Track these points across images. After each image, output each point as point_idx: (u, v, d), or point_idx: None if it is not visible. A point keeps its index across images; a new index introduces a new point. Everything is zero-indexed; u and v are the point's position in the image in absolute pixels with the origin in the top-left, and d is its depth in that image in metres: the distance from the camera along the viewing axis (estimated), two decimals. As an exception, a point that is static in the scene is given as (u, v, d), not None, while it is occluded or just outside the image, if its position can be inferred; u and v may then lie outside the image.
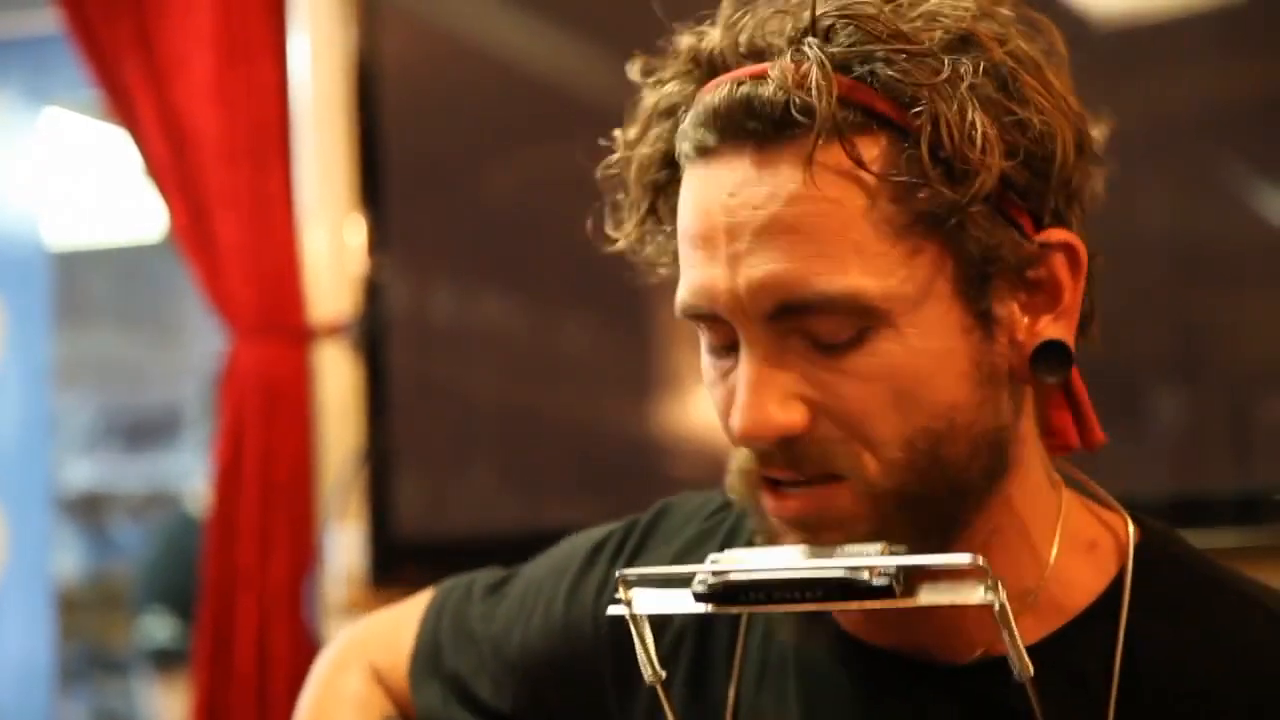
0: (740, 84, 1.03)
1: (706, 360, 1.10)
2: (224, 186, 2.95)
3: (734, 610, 1.04)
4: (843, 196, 1.01)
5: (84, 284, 5.17)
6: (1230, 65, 2.35)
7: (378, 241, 2.88)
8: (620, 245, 1.19)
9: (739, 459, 1.07)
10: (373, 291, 2.88)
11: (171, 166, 2.97)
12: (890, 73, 1.01)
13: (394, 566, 2.84)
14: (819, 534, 1.04)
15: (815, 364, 1.03)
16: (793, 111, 1.01)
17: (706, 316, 1.06)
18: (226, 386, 2.99)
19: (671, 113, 1.12)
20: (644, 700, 1.23)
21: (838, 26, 1.03)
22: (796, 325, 1.02)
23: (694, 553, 1.25)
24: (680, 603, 1.06)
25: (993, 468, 1.06)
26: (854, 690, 1.13)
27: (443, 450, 2.91)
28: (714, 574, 1.03)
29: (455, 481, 2.92)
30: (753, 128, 1.03)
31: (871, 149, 1.01)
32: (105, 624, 5.07)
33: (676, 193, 1.10)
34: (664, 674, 1.10)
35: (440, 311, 2.98)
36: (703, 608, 1.04)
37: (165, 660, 3.95)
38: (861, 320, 1.01)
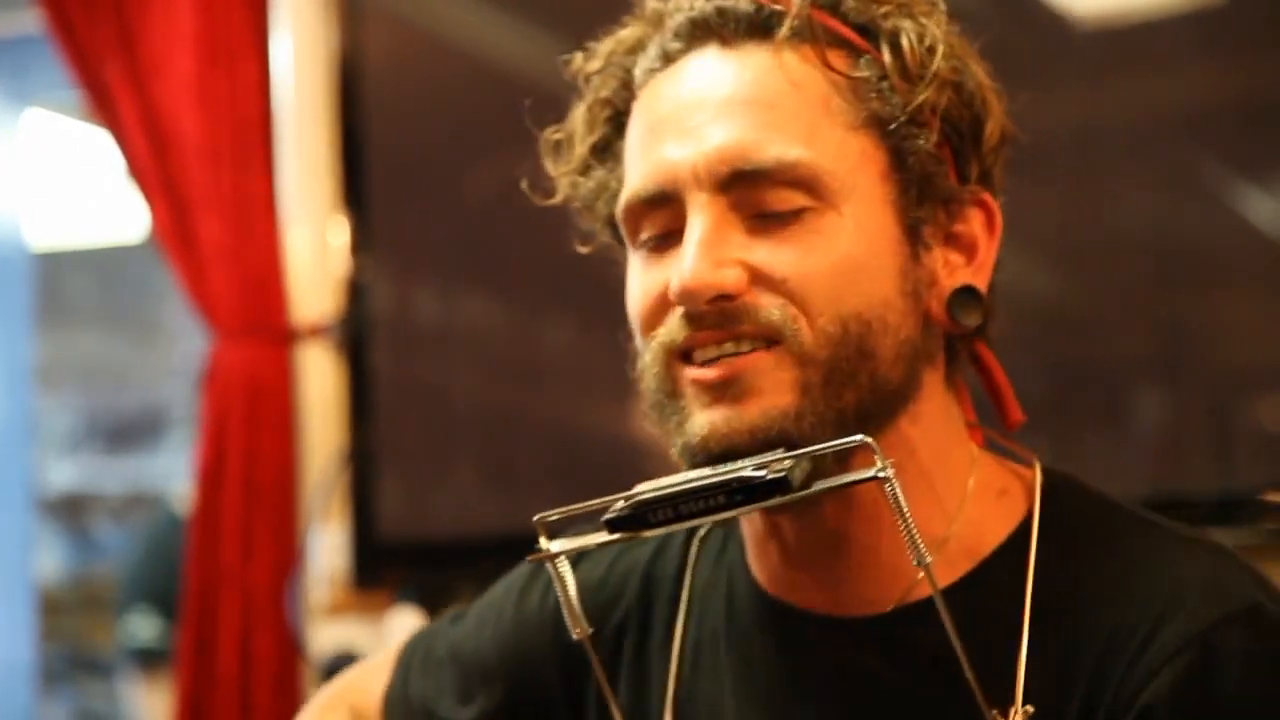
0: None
1: (635, 261, 1.14)
2: (206, 187, 2.94)
3: (645, 534, 1.06)
4: (805, 82, 1.09)
5: (66, 285, 5.16)
6: (1212, 67, 2.36)
7: (360, 242, 2.88)
8: (561, 186, 1.24)
9: (659, 335, 1.11)
10: (355, 292, 2.88)
11: (153, 167, 2.97)
12: (856, 2, 1.12)
13: (377, 567, 2.84)
14: (740, 402, 1.07)
15: (760, 235, 1.08)
16: (763, 15, 1.10)
17: (654, 199, 1.11)
18: (209, 387, 2.98)
19: (634, 50, 1.17)
20: (591, 700, 1.25)
21: None
22: (746, 197, 1.08)
23: (630, 552, 1.28)
24: (594, 537, 1.07)
25: (907, 385, 1.11)
26: (781, 652, 1.16)
27: (426, 451, 2.91)
28: (624, 499, 1.05)
29: (438, 483, 2.92)
30: (721, 29, 1.11)
31: (835, 55, 1.10)
32: (87, 625, 5.07)
33: (621, 136, 1.16)
34: (590, 629, 1.11)
35: (423, 313, 2.97)
36: (616, 536, 1.05)
37: (148, 660, 3.94)
38: (808, 195, 1.08)
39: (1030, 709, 1.05)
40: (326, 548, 2.88)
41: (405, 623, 2.71)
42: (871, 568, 1.12)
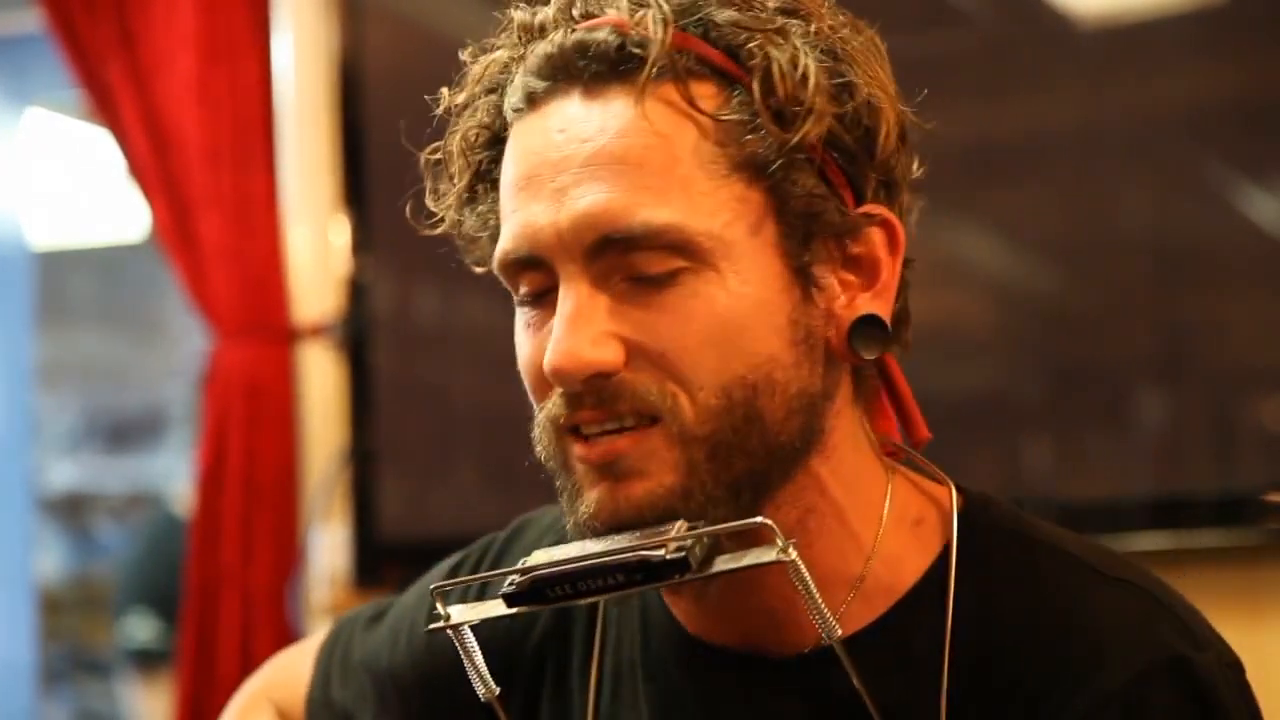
0: (572, 31, 1.05)
1: (519, 317, 1.10)
2: (207, 186, 2.94)
3: (543, 608, 1.04)
4: (672, 133, 1.02)
5: (66, 284, 5.15)
6: (1213, 67, 2.35)
7: (361, 242, 2.87)
8: (442, 222, 1.19)
9: (547, 408, 1.07)
10: (356, 292, 2.88)
11: (154, 166, 2.97)
12: (724, 23, 1.03)
13: (377, 567, 2.84)
14: (624, 481, 1.03)
15: (634, 304, 1.03)
16: (627, 49, 1.03)
17: (524, 262, 1.06)
18: (209, 387, 2.98)
19: (499, 81, 1.11)
20: (520, 701, 1.23)
21: None
22: (617, 262, 1.02)
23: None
24: (493, 608, 1.05)
25: (806, 436, 1.06)
26: (696, 690, 1.13)
27: (426, 451, 2.91)
28: (521, 574, 1.03)
29: (439, 482, 2.92)
30: (584, 68, 1.04)
31: (703, 92, 1.03)
32: (88, 625, 5.06)
33: (499, 164, 1.10)
34: (497, 690, 1.08)
35: (424, 312, 2.97)
36: (514, 610, 1.03)
37: (148, 661, 3.94)
38: (682, 257, 1.01)
39: None
40: (327, 547, 2.88)
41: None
42: (789, 607, 1.07)
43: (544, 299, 1.07)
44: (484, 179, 1.14)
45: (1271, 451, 2.31)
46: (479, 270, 1.20)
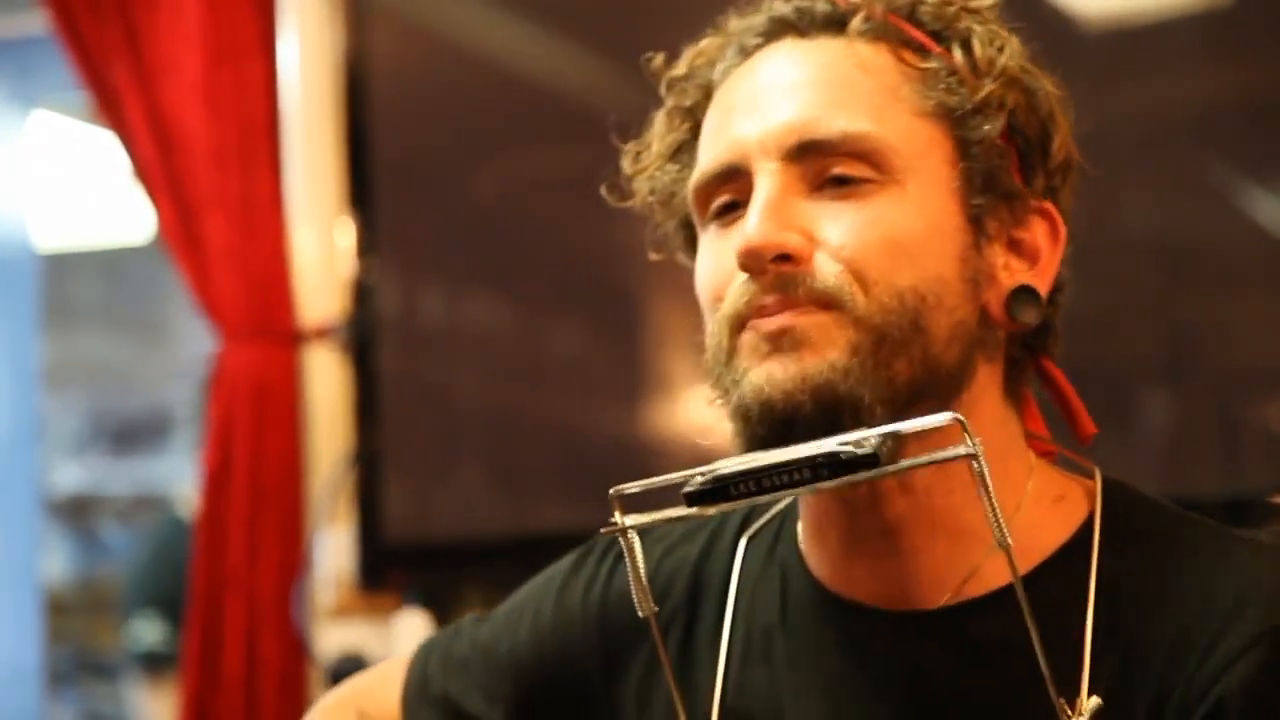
0: (789, 1, 1.17)
1: (706, 236, 1.17)
2: (212, 188, 2.94)
3: (725, 507, 1.05)
4: (874, 68, 1.13)
5: (72, 286, 5.16)
6: (1218, 68, 2.35)
7: (367, 243, 2.87)
8: (638, 186, 1.24)
9: (723, 309, 1.12)
10: (362, 294, 2.88)
11: (160, 168, 2.97)
12: (930, 7, 1.15)
13: (383, 569, 2.84)
14: (792, 353, 1.08)
15: (823, 206, 1.11)
16: (840, 12, 1.15)
17: (723, 174, 1.14)
18: (215, 389, 2.98)
19: (714, 61, 1.21)
20: (634, 685, 1.25)
21: None
22: (813, 166, 1.11)
23: (679, 549, 1.29)
24: (669, 511, 1.07)
25: (958, 371, 1.12)
26: (840, 645, 1.17)
27: (432, 453, 2.91)
28: (703, 474, 1.04)
29: (444, 484, 2.92)
30: (797, 23, 1.16)
31: (908, 54, 1.14)
32: (94, 627, 5.07)
33: (698, 136, 1.19)
34: (655, 608, 1.11)
35: (430, 314, 2.97)
36: (694, 510, 1.04)
37: (154, 664, 3.94)
38: (873, 168, 1.10)
39: (1098, 700, 1.05)
40: (333, 549, 2.88)
41: (412, 625, 2.71)
42: (929, 559, 1.13)
43: (735, 209, 1.14)
44: (680, 151, 1.22)
45: (1277, 453, 2.31)
46: (655, 256, 1.28)
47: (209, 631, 2.94)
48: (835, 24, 1.15)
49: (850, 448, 1.00)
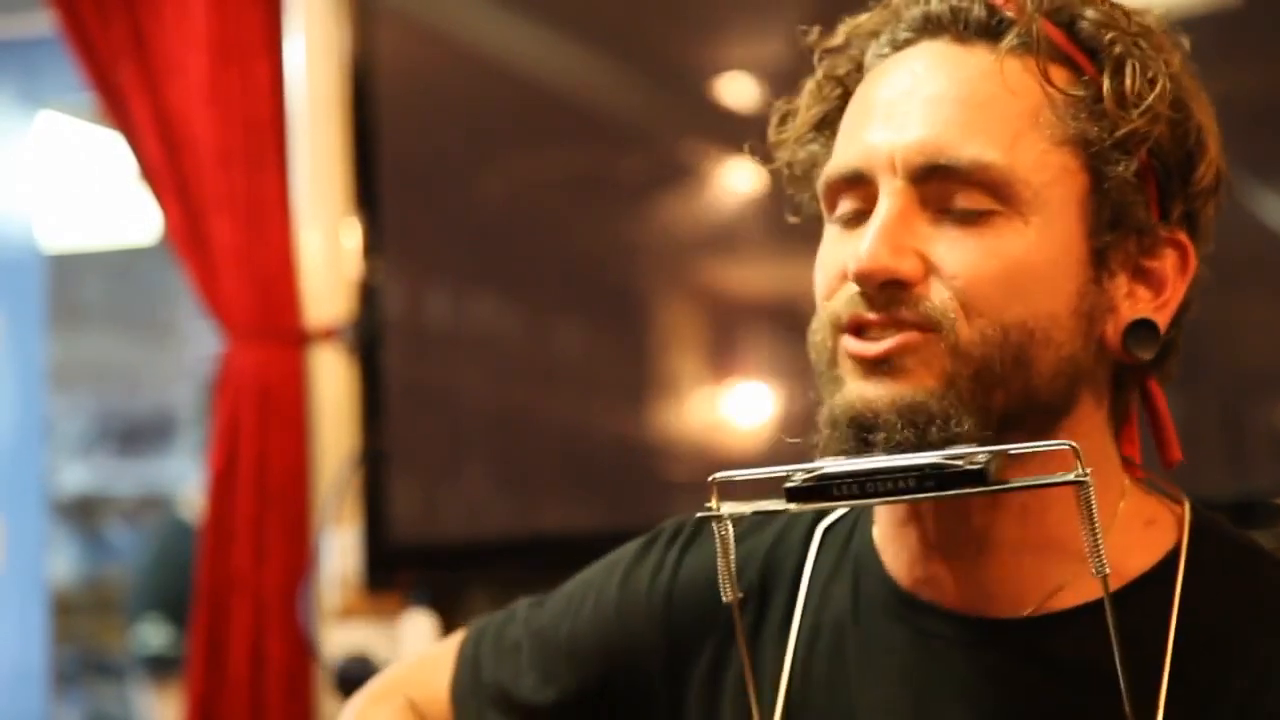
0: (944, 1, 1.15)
1: (829, 232, 1.16)
2: (219, 189, 2.94)
3: (826, 505, 1.07)
4: (1020, 91, 1.11)
5: (79, 287, 5.16)
6: (1225, 68, 2.35)
7: (373, 244, 2.87)
8: (780, 153, 1.24)
9: (830, 306, 1.12)
10: (368, 295, 2.88)
11: (166, 169, 2.97)
12: (1089, 22, 1.13)
13: (389, 570, 2.84)
14: (888, 377, 1.08)
15: (942, 232, 1.09)
16: (996, 17, 1.12)
17: (851, 177, 1.13)
18: (221, 390, 2.98)
19: (870, 36, 1.19)
20: (698, 679, 1.25)
21: None
22: (938, 191, 1.10)
23: (748, 539, 1.28)
24: (771, 503, 1.07)
25: (1064, 404, 1.12)
26: (910, 644, 1.17)
27: (438, 454, 2.91)
28: (807, 470, 1.04)
29: (451, 485, 2.92)
30: (953, 24, 1.13)
31: (1056, 72, 1.11)
32: (100, 627, 5.07)
33: (844, 111, 1.18)
34: (741, 594, 1.12)
35: (436, 315, 2.97)
36: (793, 506, 1.05)
37: (160, 666, 3.94)
38: (998, 200, 1.09)
39: None
40: (339, 550, 2.88)
41: (418, 625, 2.71)
42: (1013, 569, 1.12)
43: (858, 219, 1.13)
44: (825, 124, 1.21)
45: (1284, 454, 2.31)
46: (793, 220, 1.27)
47: (214, 632, 2.94)
48: (990, 33, 1.13)
49: (959, 462, 1.00)
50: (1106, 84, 1.10)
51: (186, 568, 3.11)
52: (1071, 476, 0.98)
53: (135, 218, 4.66)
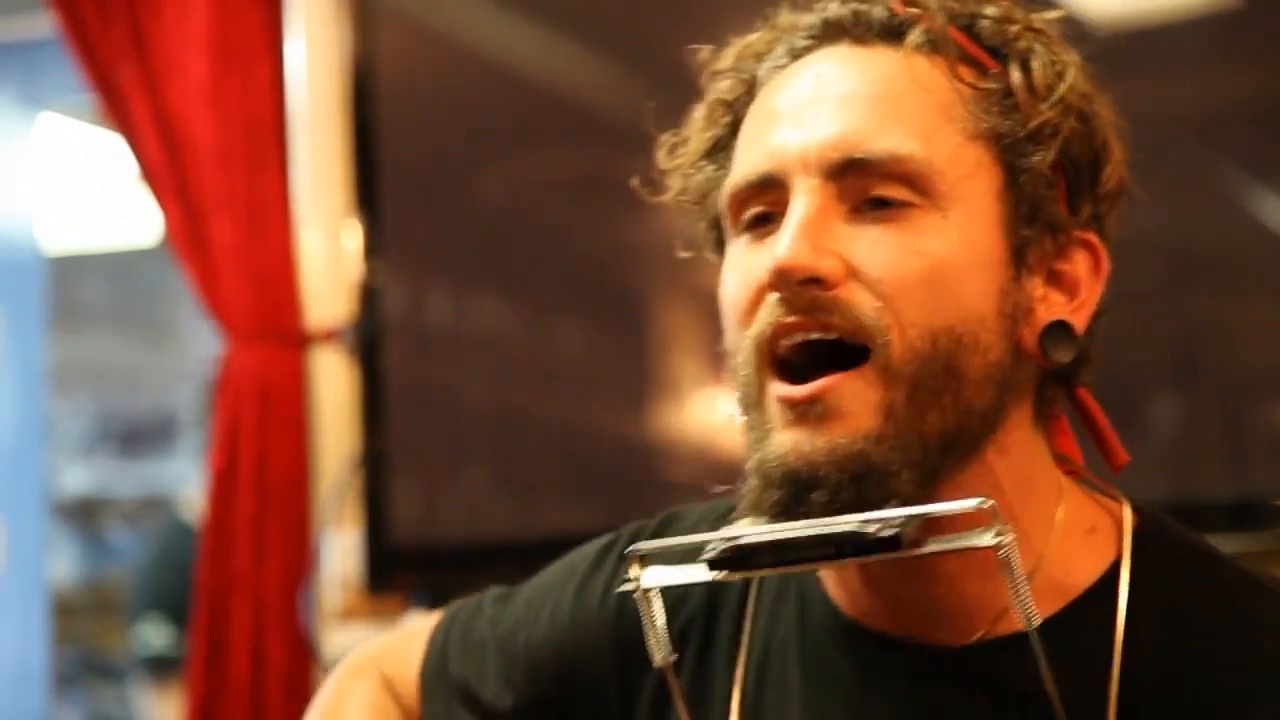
0: (845, 3, 1.12)
1: (735, 248, 1.12)
2: (219, 190, 2.94)
3: (745, 575, 1.05)
4: (930, 87, 1.09)
5: (79, 288, 5.15)
6: (1226, 69, 2.35)
7: (374, 246, 2.88)
8: (673, 181, 1.21)
9: (753, 328, 1.08)
10: (369, 296, 2.88)
11: (167, 170, 2.97)
12: (990, 21, 1.12)
13: (390, 572, 2.84)
14: (822, 424, 1.04)
15: (861, 231, 1.06)
16: (898, 20, 1.10)
17: (761, 182, 1.09)
18: (222, 391, 2.98)
19: (761, 55, 1.16)
20: (649, 693, 1.24)
21: None
22: (854, 185, 1.07)
23: (695, 557, 1.26)
24: (691, 573, 1.06)
25: (992, 414, 1.08)
26: (855, 674, 1.14)
27: (439, 455, 2.91)
28: (725, 540, 1.03)
29: (451, 487, 2.92)
30: (853, 29, 1.11)
31: (963, 69, 1.10)
32: (100, 629, 5.06)
33: (737, 134, 1.15)
34: (675, 655, 1.10)
35: (437, 316, 2.97)
36: (714, 575, 1.04)
37: (160, 667, 3.94)
38: (916, 193, 1.06)
39: None
40: (339, 552, 2.88)
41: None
42: (957, 597, 1.10)
43: (769, 222, 1.10)
44: (718, 149, 1.18)
45: (1285, 455, 2.31)
46: (685, 254, 1.24)
47: (215, 634, 2.94)
48: (892, 33, 1.11)
49: (875, 528, 0.99)
50: (1016, 76, 1.09)
51: (187, 569, 3.11)
52: (987, 540, 0.97)
53: (136, 219, 4.65)
